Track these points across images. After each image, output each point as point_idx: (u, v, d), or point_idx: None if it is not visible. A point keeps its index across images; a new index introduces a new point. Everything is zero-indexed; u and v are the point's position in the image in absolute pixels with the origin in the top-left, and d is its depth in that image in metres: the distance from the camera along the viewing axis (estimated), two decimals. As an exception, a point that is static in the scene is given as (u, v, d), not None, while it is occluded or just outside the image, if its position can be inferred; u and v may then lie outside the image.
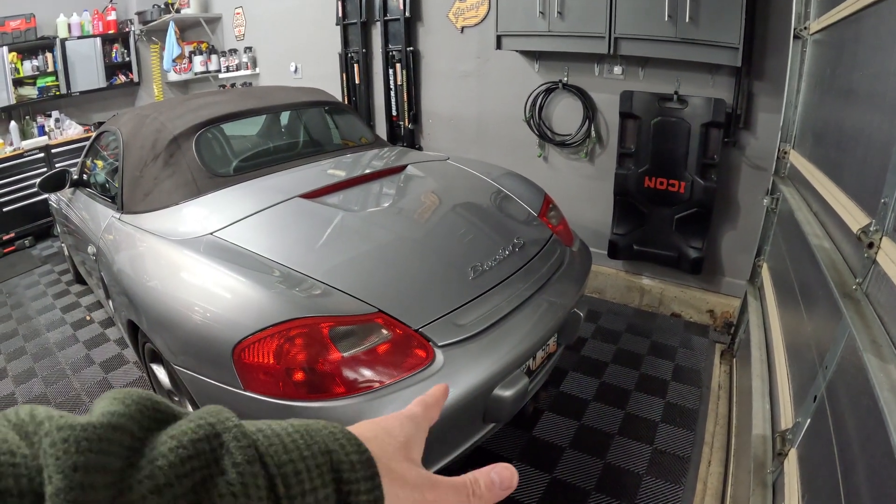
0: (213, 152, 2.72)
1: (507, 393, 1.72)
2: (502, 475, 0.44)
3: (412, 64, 4.35)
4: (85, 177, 3.20)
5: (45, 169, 5.42)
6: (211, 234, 2.01)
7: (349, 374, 1.54)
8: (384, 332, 1.63)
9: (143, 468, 0.29)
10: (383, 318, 1.66)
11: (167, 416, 0.33)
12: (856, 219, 1.23)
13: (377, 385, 1.55)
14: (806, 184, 1.92)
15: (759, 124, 3.01)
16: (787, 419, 1.52)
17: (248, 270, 1.77)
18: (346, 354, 1.55)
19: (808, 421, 1.31)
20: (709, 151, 3.09)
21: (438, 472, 1.69)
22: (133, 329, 2.20)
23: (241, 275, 1.74)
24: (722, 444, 2.35)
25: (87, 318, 3.83)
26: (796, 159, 2.24)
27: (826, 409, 1.20)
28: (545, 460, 2.30)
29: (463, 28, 4.01)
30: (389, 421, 0.45)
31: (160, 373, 2.18)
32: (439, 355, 1.66)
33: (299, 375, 1.53)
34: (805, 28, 2.29)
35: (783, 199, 2.26)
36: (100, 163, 3.13)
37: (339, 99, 4.26)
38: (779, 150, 2.47)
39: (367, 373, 1.56)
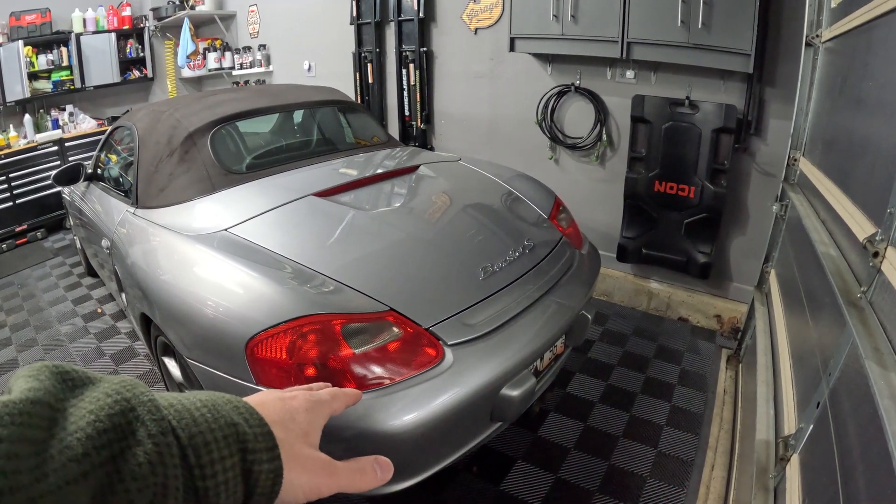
0: (228, 149, 2.75)
1: (514, 393, 1.74)
2: (382, 463, 0.51)
3: (425, 64, 4.37)
4: (99, 171, 3.24)
5: (58, 162, 5.49)
6: (225, 230, 2.04)
7: (360, 370, 1.57)
8: (395, 330, 1.65)
9: (63, 439, 0.32)
10: (394, 316, 1.69)
11: (81, 380, 0.36)
12: (862, 228, 1.24)
13: (387, 382, 1.58)
14: (815, 191, 1.93)
15: (769, 131, 3.01)
16: (790, 425, 1.53)
17: (261, 267, 1.80)
18: (357, 351, 1.57)
19: (811, 427, 1.33)
20: (719, 157, 3.10)
21: (445, 469, 1.72)
22: (145, 322, 2.24)
23: (254, 271, 1.77)
24: (726, 449, 2.37)
25: (99, 310, 3.87)
26: (806, 167, 2.25)
27: (828, 416, 1.21)
28: (550, 460, 2.32)
29: (476, 29, 4.03)
30: (294, 404, 0.48)
31: (172, 366, 2.22)
32: (449, 354, 1.68)
33: (311, 371, 1.55)
34: (817, 36, 2.30)
35: (792, 206, 2.26)
36: (114, 157, 3.17)
37: (353, 98, 4.29)
38: (789, 157, 2.48)
39: (378, 370, 1.59)
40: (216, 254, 1.91)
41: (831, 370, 1.24)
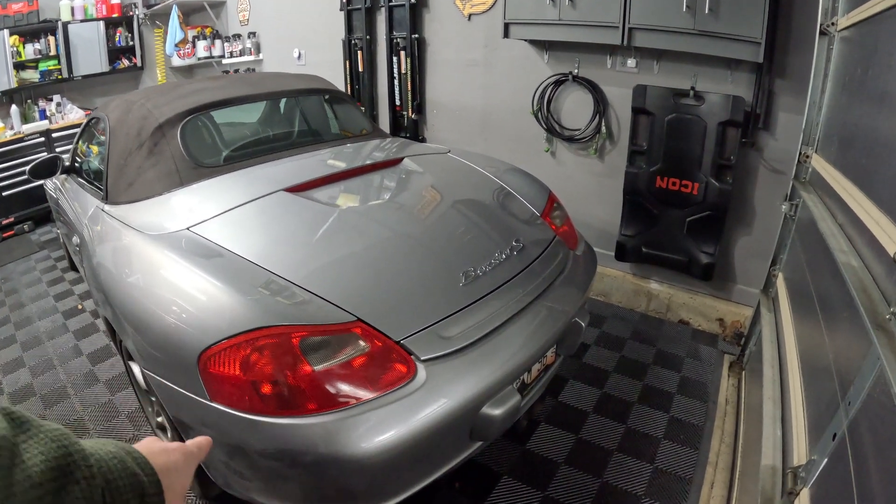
0: (200, 141, 2.59)
1: (496, 412, 1.59)
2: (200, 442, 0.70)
3: (417, 52, 4.20)
4: (77, 163, 3.09)
5: (45, 153, 5.35)
6: (187, 229, 1.88)
7: (321, 389, 1.41)
8: (361, 343, 1.49)
9: (25, 469, 0.43)
10: (362, 327, 1.52)
11: (23, 419, 0.47)
12: (891, 238, 1.08)
13: (352, 402, 1.42)
14: (830, 192, 1.76)
15: (779, 125, 2.84)
16: (800, 454, 1.38)
17: (218, 271, 1.64)
18: (317, 368, 1.42)
19: (825, 461, 1.17)
20: (725, 152, 2.94)
21: (425, 489, 1.57)
22: (111, 325, 2.10)
23: (211, 276, 1.61)
24: (727, 465, 2.22)
25: (79, 307, 3.76)
26: (819, 164, 2.09)
27: (847, 451, 1.06)
28: (538, 476, 2.17)
29: (470, 15, 3.86)
30: (174, 457, 0.63)
31: (137, 371, 2.07)
32: (421, 371, 1.52)
33: (267, 389, 1.40)
34: (832, 24, 2.13)
35: (803, 205, 2.11)
36: (94, 148, 3.02)
37: (340, 87, 4.14)
38: (800, 153, 2.32)
39: (342, 388, 1.43)
40: (173, 255, 1.75)
41: (851, 399, 1.09)
